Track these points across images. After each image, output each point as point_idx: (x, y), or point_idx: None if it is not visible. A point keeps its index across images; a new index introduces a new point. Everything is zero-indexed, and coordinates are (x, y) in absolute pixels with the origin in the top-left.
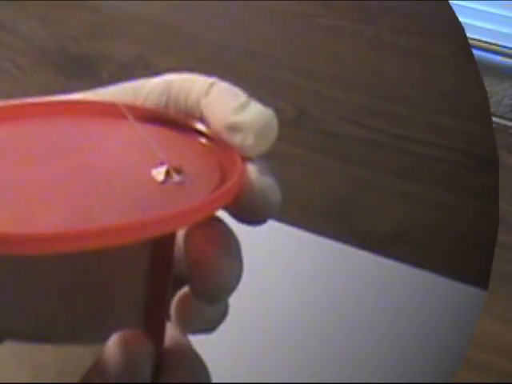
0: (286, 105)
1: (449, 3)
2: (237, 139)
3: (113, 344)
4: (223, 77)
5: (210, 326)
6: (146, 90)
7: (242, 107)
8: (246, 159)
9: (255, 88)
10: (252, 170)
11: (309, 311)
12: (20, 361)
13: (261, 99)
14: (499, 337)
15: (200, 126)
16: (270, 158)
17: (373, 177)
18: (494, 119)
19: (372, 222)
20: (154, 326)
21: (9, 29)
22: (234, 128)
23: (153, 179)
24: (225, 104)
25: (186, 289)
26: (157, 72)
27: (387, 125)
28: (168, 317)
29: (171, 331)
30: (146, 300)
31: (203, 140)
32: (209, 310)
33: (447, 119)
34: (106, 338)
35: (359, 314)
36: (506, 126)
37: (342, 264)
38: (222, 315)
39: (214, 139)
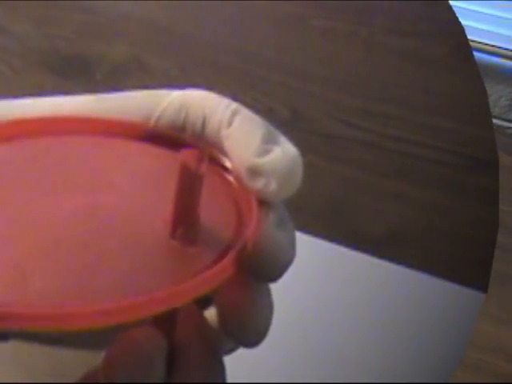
0: (279, 106)
1: (444, 4)
2: (258, 184)
3: (121, 341)
4: (217, 78)
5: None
6: (161, 106)
7: (266, 147)
8: (264, 203)
9: (249, 89)
10: (267, 223)
11: (302, 312)
12: (16, 365)
13: (255, 100)
14: (496, 337)
15: (218, 157)
16: None
17: (367, 178)
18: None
19: (366, 223)
20: (164, 319)
21: (2, 30)
22: (255, 171)
23: (161, 229)
24: (247, 141)
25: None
26: (150, 72)
27: (381, 126)
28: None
29: (186, 324)
30: None
31: (221, 171)
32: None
33: (441, 120)
34: None
35: (354, 315)
36: (502, 126)
37: (335, 265)
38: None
39: (232, 173)
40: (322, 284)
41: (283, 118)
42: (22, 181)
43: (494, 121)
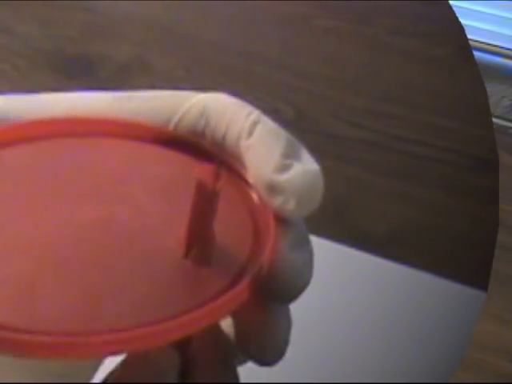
0: (283, 106)
1: (447, 4)
2: (276, 201)
3: (133, 356)
4: (221, 78)
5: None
6: (182, 109)
7: (286, 163)
8: (282, 221)
9: (253, 89)
10: (283, 244)
11: (305, 312)
12: (17, 365)
13: (259, 100)
14: (497, 337)
15: (238, 168)
16: None
17: (370, 178)
18: (493, 120)
19: (369, 222)
20: None
21: (7, 30)
22: (274, 188)
23: (175, 247)
24: (267, 155)
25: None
26: (154, 73)
27: (385, 126)
28: None
29: (200, 335)
30: None
31: (240, 183)
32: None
33: (444, 120)
34: None
35: (356, 315)
36: (504, 126)
37: (338, 265)
38: None
39: (251, 186)
40: (323, 283)
41: (287, 118)
42: (33, 188)
43: (496, 121)
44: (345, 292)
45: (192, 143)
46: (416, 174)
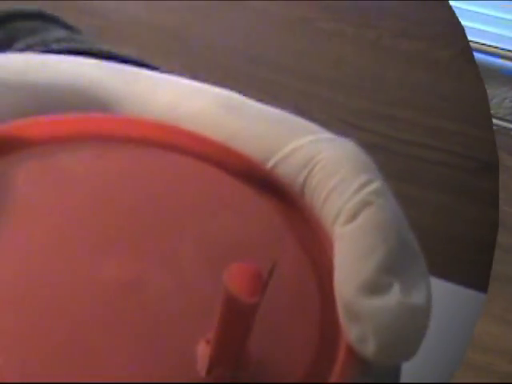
0: (287, 109)
1: (449, 6)
2: (352, 332)
3: None
4: (224, 81)
5: None
6: (286, 149)
7: (381, 282)
8: (358, 357)
9: (256, 92)
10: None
11: None
12: None
13: (262, 103)
14: (498, 338)
15: (330, 249)
16: None
17: None
18: (495, 122)
19: None
20: None
21: None
22: (352, 313)
23: (201, 352)
24: (359, 262)
25: None
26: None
27: (388, 129)
28: None
29: None
30: None
31: (324, 266)
32: None
33: (448, 123)
34: None
35: None
36: (506, 128)
37: None
38: None
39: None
40: None
41: None
42: (69, 213)
43: (498, 122)
44: None
45: (287, 194)
46: (420, 177)
